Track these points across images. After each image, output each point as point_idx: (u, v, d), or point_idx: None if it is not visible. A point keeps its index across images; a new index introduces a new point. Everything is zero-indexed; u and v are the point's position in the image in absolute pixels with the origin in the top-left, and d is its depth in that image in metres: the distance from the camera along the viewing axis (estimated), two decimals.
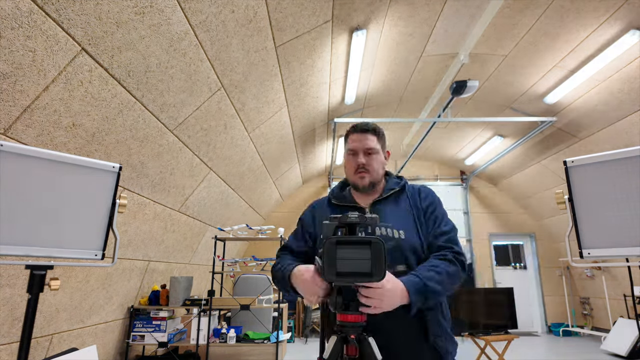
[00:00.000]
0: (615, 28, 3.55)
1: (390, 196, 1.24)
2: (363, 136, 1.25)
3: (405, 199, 1.23)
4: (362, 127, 1.27)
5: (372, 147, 1.23)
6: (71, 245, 1.36)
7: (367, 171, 1.21)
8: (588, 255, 1.22)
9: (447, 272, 1.05)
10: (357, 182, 1.23)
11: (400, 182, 1.29)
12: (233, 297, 4.04)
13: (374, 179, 1.22)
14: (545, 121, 5.15)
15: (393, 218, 1.17)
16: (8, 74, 1.82)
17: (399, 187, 1.25)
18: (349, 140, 1.29)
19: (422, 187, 1.29)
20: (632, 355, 5.04)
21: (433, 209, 1.20)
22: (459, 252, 1.11)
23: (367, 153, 1.23)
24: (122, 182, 2.97)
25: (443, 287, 1.02)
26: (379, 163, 1.24)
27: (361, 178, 1.22)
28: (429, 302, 1.01)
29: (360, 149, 1.23)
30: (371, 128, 1.27)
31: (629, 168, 1.18)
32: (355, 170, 1.23)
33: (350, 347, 0.89)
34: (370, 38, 3.90)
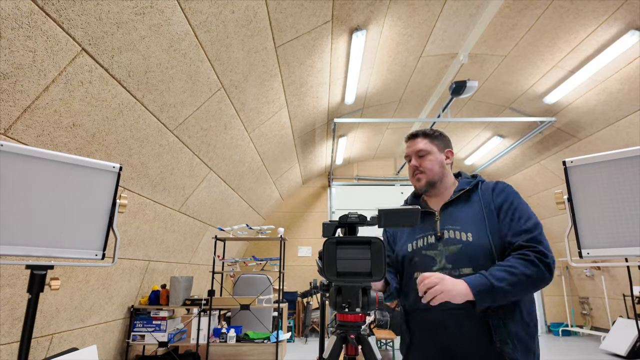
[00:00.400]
0: (614, 28, 3.56)
1: (461, 197, 1.22)
2: (413, 141, 1.29)
3: (478, 198, 1.20)
4: (412, 134, 1.31)
5: (421, 149, 1.26)
6: (71, 245, 1.36)
7: (421, 172, 1.25)
8: (587, 255, 1.22)
9: (523, 273, 0.99)
10: (415, 185, 1.27)
11: (473, 181, 1.26)
12: (233, 297, 4.04)
13: (430, 179, 1.24)
14: (545, 121, 5.15)
15: (462, 220, 1.16)
16: (8, 74, 1.82)
17: (470, 187, 1.23)
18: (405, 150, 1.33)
19: (498, 183, 1.23)
20: (631, 355, 5.04)
21: (509, 204, 1.14)
22: (543, 252, 1.03)
23: (419, 155, 1.26)
24: (122, 182, 2.97)
25: (516, 289, 0.98)
26: (434, 163, 1.25)
27: (417, 180, 1.26)
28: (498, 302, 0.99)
29: (411, 153, 1.28)
30: (421, 132, 1.30)
31: (628, 168, 1.18)
32: (412, 174, 1.27)
33: (350, 347, 0.90)
34: (370, 38, 3.91)
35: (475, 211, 1.17)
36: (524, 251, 1.04)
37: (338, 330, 0.90)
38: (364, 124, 6.25)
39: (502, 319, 1.03)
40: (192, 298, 3.92)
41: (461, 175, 1.32)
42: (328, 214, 7.94)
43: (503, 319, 1.03)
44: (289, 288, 7.39)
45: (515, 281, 0.98)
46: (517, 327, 1.04)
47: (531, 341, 1.06)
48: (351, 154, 7.64)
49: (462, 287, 0.98)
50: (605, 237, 1.20)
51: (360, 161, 8.24)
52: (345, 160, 7.98)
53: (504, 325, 1.03)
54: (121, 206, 1.48)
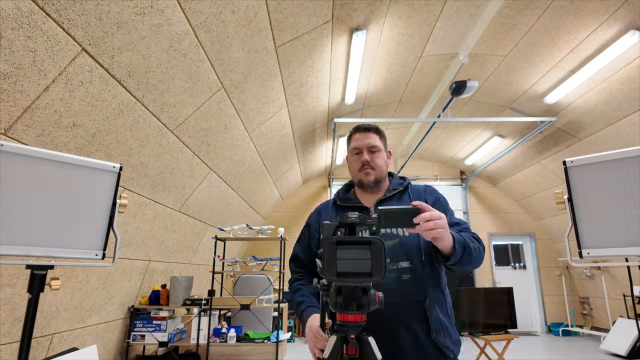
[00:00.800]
0: (614, 28, 3.56)
1: (394, 196, 1.27)
2: (366, 135, 1.29)
3: (408, 197, 1.27)
4: (365, 127, 1.31)
5: (375, 145, 1.27)
6: (72, 245, 1.36)
7: (371, 168, 1.26)
8: (587, 255, 1.22)
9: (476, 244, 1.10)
10: (362, 179, 1.27)
11: (404, 182, 1.33)
12: (233, 296, 4.04)
13: (378, 176, 1.27)
14: (545, 121, 5.15)
15: None
16: (9, 74, 1.83)
17: (402, 187, 1.29)
18: (352, 140, 1.33)
19: (427, 186, 1.32)
20: (631, 355, 5.04)
21: (440, 204, 1.24)
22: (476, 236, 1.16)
23: (370, 151, 1.27)
24: (122, 182, 2.97)
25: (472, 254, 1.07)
26: (383, 161, 1.29)
27: (366, 174, 1.26)
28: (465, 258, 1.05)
29: (364, 146, 1.28)
30: (373, 128, 1.31)
31: (628, 168, 1.18)
32: (361, 167, 1.27)
33: (350, 347, 0.90)
34: (370, 38, 3.91)
35: None
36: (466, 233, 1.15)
37: (338, 330, 0.91)
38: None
39: (435, 310, 1.12)
40: (192, 298, 3.92)
41: (392, 175, 1.37)
42: None
43: (436, 310, 1.13)
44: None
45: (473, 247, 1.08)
46: (445, 318, 1.14)
47: (454, 331, 1.17)
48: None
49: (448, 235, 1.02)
50: (605, 237, 1.20)
51: None
52: (346, 160, 7.97)
53: (437, 315, 1.12)
54: (121, 206, 1.48)
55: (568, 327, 7.10)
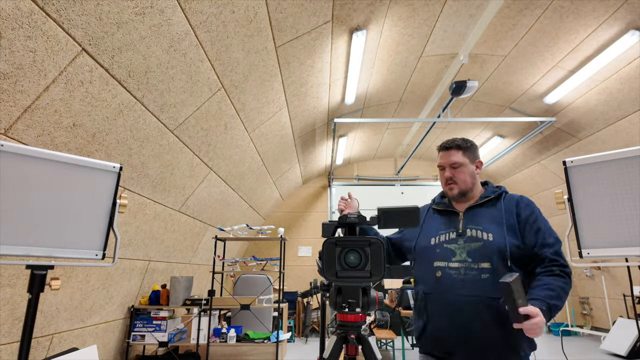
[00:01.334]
0: (614, 28, 3.56)
1: (486, 202, 1.37)
2: (447, 153, 1.41)
3: (500, 206, 1.35)
4: (446, 145, 1.42)
5: (456, 162, 1.38)
6: (72, 245, 1.36)
7: (454, 182, 1.38)
8: (587, 255, 1.22)
9: (559, 286, 1.18)
10: (447, 193, 1.41)
11: (498, 190, 1.41)
12: (233, 296, 4.04)
13: (461, 189, 1.38)
14: (545, 121, 5.15)
15: (484, 221, 1.32)
16: (9, 74, 1.83)
17: (495, 195, 1.37)
18: (438, 158, 1.46)
19: (522, 197, 1.37)
20: (631, 355, 5.04)
21: (534, 219, 1.29)
22: (564, 264, 1.22)
23: (452, 167, 1.39)
24: (122, 182, 2.97)
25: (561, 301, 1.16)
26: (467, 174, 1.39)
27: (450, 189, 1.39)
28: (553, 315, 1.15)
29: (446, 164, 1.40)
30: (454, 144, 1.41)
31: (628, 168, 1.18)
32: (445, 183, 1.41)
33: (350, 347, 0.90)
34: (370, 38, 3.91)
35: (496, 216, 1.32)
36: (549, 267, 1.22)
37: (338, 330, 0.91)
38: (364, 124, 6.25)
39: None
40: (192, 298, 3.92)
41: (488, 184, 1.46)
42: (328, 214, 7.94)
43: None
44: (289, 288, 7.39)
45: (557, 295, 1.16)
46: None
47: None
48: (351, 154, 7.64)
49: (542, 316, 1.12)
50: (605, 237, 1.20)
51: (361, 161, 8.24)
52: (346, 160, 7.98)
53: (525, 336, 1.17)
54: (121, 206, 1.48)
55: (568, 327, 7.10)
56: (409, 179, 8.16)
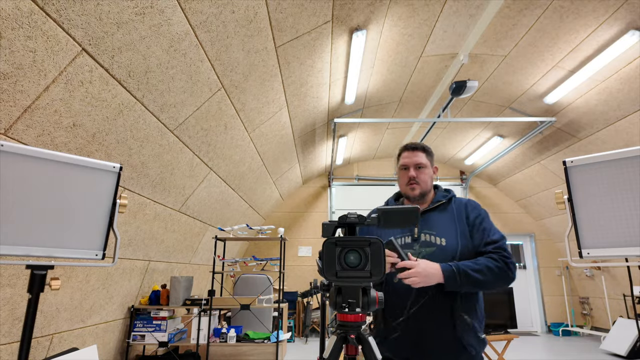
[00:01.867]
0: (614, 28, 3.56)
1: (438, 207, 1.41)
2: (413, 153, 1.44)
3: (451, 210, 1.39)
4: (413, 146, 1.46)
5: (421, 162, 1.42)
6: (72, 245, 1.36)
7: (417, 183, 1.40)
8: (587, 255, 1.22)
9: (486, 265, 1.21)
10: (408, 193, 1.43)
11: (448, 195, 1.45)
12: (233, 296, 4.04)
13: (423, 190, 1.41)
14: (545, 121, 5.15)
15: (437, 226, 1.35)
16: (9, 74, 1.83)
17: (446, 200, 1.42)
18: (400, 157, 1.48)
19: (470, 201, 1.44)
20: (631, 355, 5.04)
21: (481, 220, 1.35)
22: (505, 256, 1.25)
23: (417, 167, 1.42)
24: (122, 182, 2.97)
25: (481, 276, 1.19)
26: (428, 176, 1.43)
27: (412, 189, 1.41)
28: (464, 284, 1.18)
29: (411, 164, 1.42)
30: (420, 146, 1.46)
31: (628, 168, 1.18)
32: (407, 182, 1.42)
33: (350, 347, 0.90)
34: (370, 38, 3.91)
35: (448, 221, 1.36)
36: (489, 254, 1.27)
37: (338, 330, 0.91)
38: (364, 124, 6.25)
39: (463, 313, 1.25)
40: (192, 298, 3.92)
41: (437, 188, 1.51)
42: (328, 214, 7.94)
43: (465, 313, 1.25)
44: (289, 288, 7.39)
45: (478, 269, 1.20)
46: (474, 321, 1.26)
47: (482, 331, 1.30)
48: (351, 154, 7.64)
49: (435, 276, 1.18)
50: (605, 237, 1.20)
51: (360, 161, 8.24)
52: (345, 160, 7.98)
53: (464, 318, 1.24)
54: (121, 206, 1.48)
55: (568, 327, 7.10)
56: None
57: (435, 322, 1.24)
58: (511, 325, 4.09)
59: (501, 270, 1.22)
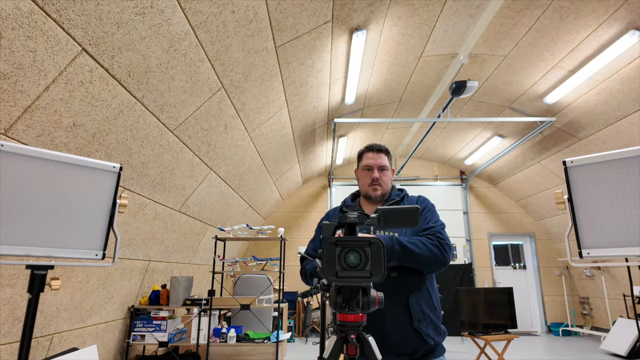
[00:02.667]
0: (614, 28, 3.56)
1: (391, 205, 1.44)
2: (378, 155, 1.49)
3: None
4: (377, 148, 1.50)
5: (385, 165, 1.48)
6: (72, 245, 1.36)
7: (380, 185, 1.46)
8: (587, 255, 1.22)
9: (421, 241, 1.26)
10: (370, 193, 1.46)
11: (401, 193, 1.51)
12: (233, 296, 4.04)
13: (384, 191, 1.47)
14: (545, 121, 5.15)
15: None
16: (9, 74, 1.83)
17: (399, 198, 1.48)
18: (364, 157, 1.51)
19: (420, 197, 1.51)
20: (631, 355, 5.04)
21: (426, 212, 1.42)
22: (441, 237, 1.31)
23: (380, 169, 1.47)
24: (122, 182, 2.97)
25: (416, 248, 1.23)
26: (389, 178, 1.49)
27: (374, 190, 1.45)
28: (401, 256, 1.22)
29: (375, 165, 1.47)
30: (384, 149, 1.51)
31: (628, 168, 1.18)
32: (370, 183, 1.46)
33: (350, 347, 0.90)
34: (370, 38, 3.91)
35: None
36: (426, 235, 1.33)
37: (338, 330, 0.91)
38: (364, 124, 6.25)
39: (418, 303, 1.29)
40: (192, 298, 3.92)
41: (393, 187, 1.56)
42: None
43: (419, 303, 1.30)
44: (289, 288, 7.39)
45: (413, 242, 1.25)
46: (429, 310, 1.31)
47: (439, 322, 1.34)
48: (351, 154, 7.64)
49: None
50: (605, 237, 1.20)
51: None
52: (345, 160, 7.98)
53: (420, 308, 1.29)
54: (121, 206, 1.48)
55: (568, 327, 7.10)
56: (409, 179, 8.16)
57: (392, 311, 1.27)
58: (511, 325, 4.09)
59: (435, 247, 1.27)
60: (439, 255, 1.27)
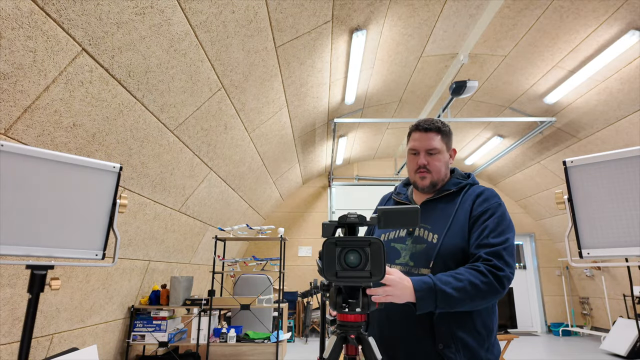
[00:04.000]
0: (614, 28, 3.56)
1: (443, 197, 1.19)
2: (426, 135, 1.19)
3: (458, 201, 1.16)
4: (426, 126, 1.20)
5: (434, 147, 1.17)
6: (72, 245, 1.36)
7: (428, 171, 1.18)
8: (587, 255, 1.22)
9: (470, 281, 0.96)
10: (417, 182, 1.21)
11: (461, 182, 1.20)
12: (233, 296, 4.04)
13: (435, 180, 1.18)
14: (545, 121, 5.15)
15: (434, 220, 1.14)
16: (9, 74, 1.83)
17: (456, 189, 1.18)
18: (411, 139, 1.24)
19: (485, 190, 1.16)
20: (631, 355, 5.04)
21: (487, 217, 1.08)
22: (497, 265, 1.00)
23: (429, 153, 1.18)
24: (122, 182, 2.97)
25: (462, 295, 0.95)
26: (443, 163, 1.19)
27: (422, 178, 1.19)
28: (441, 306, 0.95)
29: (422, 148, 1.19)
30: (435, 127, 1.19)
31: (629, 168, 1.18)
32: (416, 170, 1.19)
33: (350, 347, 0.90)
34: (370, 38, 3.91)
35: (449, 214, 1.13)
36: (476, 263, 1.02)
37: (338, 330, 0.90)
38: (364, 124, 6.25)
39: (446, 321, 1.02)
40: (192, 298, 3.92)
41: (454, 172, 1.26)
42: (328, 214, 7.94)
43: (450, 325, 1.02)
44: (289, 288, 7.39)
45: (460, 287, 0.95)
46: (465, 335, 1.02)
47: (482, 350, 1.03)
48: (351, 154, 7.64)
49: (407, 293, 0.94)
50: (605, 237, 1.20)
51: (360, 161, 8.24)
52: (346, 160, 7.98)
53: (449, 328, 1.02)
54: (121, 206, 1.48)
55: (568, 327, 7.10)
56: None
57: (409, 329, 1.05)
58: (511, 325, 4.09)
59: (488, 286, 0.97)
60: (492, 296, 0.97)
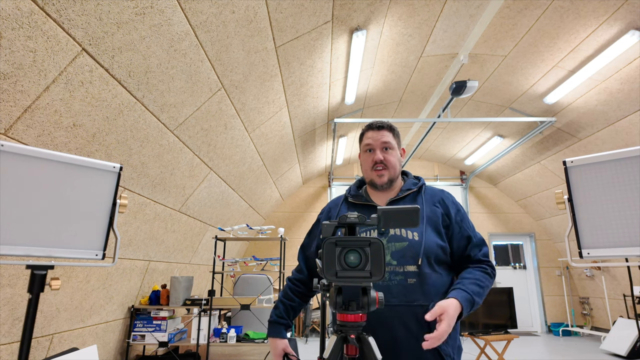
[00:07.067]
0: (614, 28, 3.56)
1: (407, 196, 1.22)
2: (379, 133, 1.23)
3: (422, 200, 1.21)
4: (378, 125, 1.25)
5: (388, 142, 1.22)
6: (72, 245, 1.36)
7: (385, 167, 1.21)
8: (587, 255, 1.23)
9: (487, 286, 1.12)
10: (374, 179, 1.22)
11: (418, 182, 1.27)
12: (233, 296, 4.04)
13: (392, 176, 1.22)
14: (545, 121, 5.15)
15: None
16: (9, 74, 1.83)
17: (416, 188, 1.24)
18: (364, 138, 1.27)
19: (443, 192, 1.26)
20: (631, 355, 5.04)
21: (461, 217, 1.20)
22: (492, 266, 1.18)
23: (383, 148, 1.22)
24: (122, 182, 2.97)
25: (482, 299, 1.10)
26: (397, 159, 1.24)
27: (379, 176, 1.21)
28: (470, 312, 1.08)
29: (377, 144, 1.22)
30: (386, 125, 1.26)
31: (628, 168, 1.18)
32: (373, 166, 1.22)
33: (350, 347, 0.90)
34: (370, 38, 3.91)
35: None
36: (483, 265, 1.16)
37: (338, 330, 0.90)
38: (364, 124, 6.25)
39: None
40: (192, 298, 3.92)
41: (407, 174, 1.31)
42: None
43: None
44: None
45: (483, 293, 1.10)
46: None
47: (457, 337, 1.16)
48: (351, 154, 7.64)
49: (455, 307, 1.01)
50: (605, 237, 1.20)
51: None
52: (346, 160, 7.98)
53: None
54: (121, 206, 1.48)
55: (568, 327, 7.10)
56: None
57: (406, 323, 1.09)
58: (511, 325, 4.09)
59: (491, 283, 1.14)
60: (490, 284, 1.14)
